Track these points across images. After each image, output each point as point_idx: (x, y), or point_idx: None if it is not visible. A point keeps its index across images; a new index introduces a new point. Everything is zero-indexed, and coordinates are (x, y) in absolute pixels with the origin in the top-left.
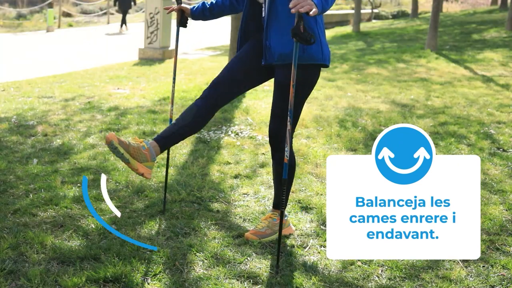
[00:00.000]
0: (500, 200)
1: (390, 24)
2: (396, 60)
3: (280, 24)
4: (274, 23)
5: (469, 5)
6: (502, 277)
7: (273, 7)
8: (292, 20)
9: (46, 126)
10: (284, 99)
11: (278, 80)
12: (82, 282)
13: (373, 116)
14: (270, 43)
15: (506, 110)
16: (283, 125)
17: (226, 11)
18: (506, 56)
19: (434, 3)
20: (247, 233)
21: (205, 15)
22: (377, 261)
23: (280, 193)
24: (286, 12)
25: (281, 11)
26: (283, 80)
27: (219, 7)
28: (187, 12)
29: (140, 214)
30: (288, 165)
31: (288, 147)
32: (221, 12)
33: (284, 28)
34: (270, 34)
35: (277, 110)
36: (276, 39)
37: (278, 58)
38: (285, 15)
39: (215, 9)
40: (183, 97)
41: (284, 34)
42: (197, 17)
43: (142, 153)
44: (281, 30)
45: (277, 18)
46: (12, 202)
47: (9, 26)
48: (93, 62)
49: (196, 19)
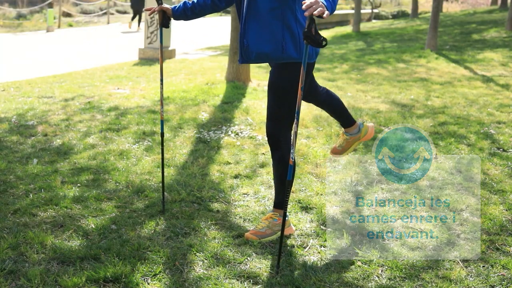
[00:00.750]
0: (500, 200)
1: (390, 24)
2: (396, 60)
3: (259, 22)
4: (252, 21)
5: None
6: (502, 277)
7: (253, 4)
8: (272, 18)
9: (46, 126)
10: (278, 99)
11: (271, 80)
12: (82, 282)
13: (373, 116)
14: (247, 42)
15: (506, 110)
16: (279, 125)
17: (208, 9)
18: (506, 56)
19: (434, 3)
20: (247, 233)
21: (187, 15)
22: (377, 261)
23: (281, 193)
24: (267, 10)
25: (261, 8)
26: (275, 80)
27: (200, 6)
28: (168, 12)
29: (140, 214)
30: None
31: (293, 148)
32: (202, 11)
33: (264, 26)
34: (248, 32)
35: (272, 110)
36: (254, 37)
37: (255, 57)
38: (266, 13)
39: (196, 8)
40: (183, 97)
41: (263, 33)
42: (179, 17)
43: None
44: (260, 29)
45: (256, 16)
46: (12, 202)
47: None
48: (93, 62)
49: (178, 19)
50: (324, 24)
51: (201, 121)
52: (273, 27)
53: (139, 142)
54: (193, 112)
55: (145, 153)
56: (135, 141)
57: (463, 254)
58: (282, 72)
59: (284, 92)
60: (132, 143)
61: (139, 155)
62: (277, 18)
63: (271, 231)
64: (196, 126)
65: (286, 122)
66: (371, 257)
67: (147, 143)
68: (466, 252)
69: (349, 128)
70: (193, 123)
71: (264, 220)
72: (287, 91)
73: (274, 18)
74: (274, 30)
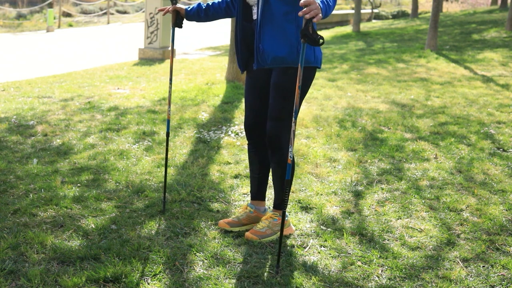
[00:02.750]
0: (500, 200)
1: (390, 24)
2: (396, 60)
3: (274, 27)
4: (267, 25)
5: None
6: (502, 277)
7: (267, 9)
8: (287, 22)
9: (46, 126)
10: (283, 100)
11: (276, 82)
12: (82, 282)
13: (372, 116)
14: (263, 46)
15: (506, 110)
16: (281, 127)
17: (222, 14)
18: (506, 56)
19: (434, 3)
20: (247, 232)
21: (200, 16)
22: (377, 261)
23: (280, 194)
24: (281, 14)
25: (275, 13)
26: (282, 82)
27: (215, 9)
28: (182, 12)
29: (140, 214)
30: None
31: (292, 147)
32: (216, 14)
33: (278, 30)
34: (263, 36)
35: (275, 112)
36: (270, 42)
37: (271, 61)
38: (280, 17)
39: (210, 10)
40: (183, 97)
41: (278, 37)
42: (192, 18)
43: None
44: (275, 33)
45: (271, 20)
46: (12, 202)
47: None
48: (93, 62)
49: (191, 19)
50: (324, 24)
51: (201, 121)
52: (287, 31)
53: (139, 142)
54: (193, 112)
55: (145, 153)
56: (135, 141)
57: (463, 254)
58: (288, 73)
59: (290, 93)
60: (132, 143)
61: (139, 155)
62: (291, 22)
63: (271, 231)
64: (196, 126)
65: (287, 123)
66: (371, 257)
67: (147, 143)
68: (466, 252)
69: (258, 202)
70: (193, 123)
71: (264, 220)
72: (293, 92)
73: (288, 22)
74: (288, 33)
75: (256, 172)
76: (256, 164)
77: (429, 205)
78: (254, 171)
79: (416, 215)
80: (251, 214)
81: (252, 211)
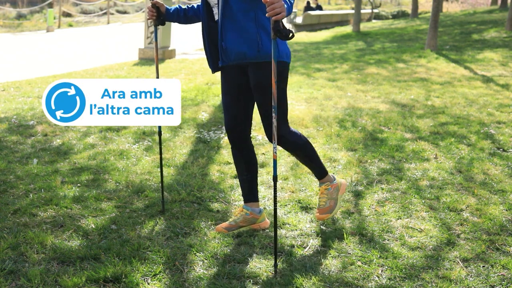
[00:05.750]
0: (500, 200)
1: (390, 24)
2: (396, 60)
3: (234, 25)
4: (229, 23)
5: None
6: (502, 277)
7: (227, 8)
8: (247, 20)
9: (46, 126)
10: (267, 98)
11: (257, 81)
12: (82, 282)
13: (373, 116)
14: (226, 44)
15: (506, 110)
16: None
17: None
18: (506, 56)
19: (434, 3)
20: (318, 214)
21: (180, 17)
22: (377, 261)
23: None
24: (241, 12)
25: (235, 12)
26: (259, 80)
27: (193, 12)
28: (162, 9)
29: (140, 214)
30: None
31: (275, 143)
32: (195, 17)
33: (239, 28)
34: (225, 35)
35: (265, 112)
36: (232, 39)
37: (234, 57)
38: (240, 16)
39: (189, 12)
40: (183, 97)
41: (239, 34)
42: (171, 18)
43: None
44: (237, 30)
45: (231, 19)
46: (12, 202)
47: (9, 26)
48: (93, 62)
49: (170, 19)
50: (324, 24)
51: (201, 121)
52: (247, 28)
53: (139, 142)
54: (193, 112)
55: (145, 153)
56: (135, 141)
57: (463, 254)
58: (262, 70)
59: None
60: (132, 143)
61: (139, 155)
62: (251, 20)
63: (334, 200)
64: (196, 126)
65: (281, 117)
66: (371, 257)
67: (147, 143)
68: (466, 252)
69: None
70: (193, 123)
71: (321, 195)
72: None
73: (248, 20)
74: (249, 30)
75: (244, 173)
76: (242, 164)
77: (429, 205)
78: (242, 173)
79: (416, 215)
80: (248, 216)
81: (248, 213)
